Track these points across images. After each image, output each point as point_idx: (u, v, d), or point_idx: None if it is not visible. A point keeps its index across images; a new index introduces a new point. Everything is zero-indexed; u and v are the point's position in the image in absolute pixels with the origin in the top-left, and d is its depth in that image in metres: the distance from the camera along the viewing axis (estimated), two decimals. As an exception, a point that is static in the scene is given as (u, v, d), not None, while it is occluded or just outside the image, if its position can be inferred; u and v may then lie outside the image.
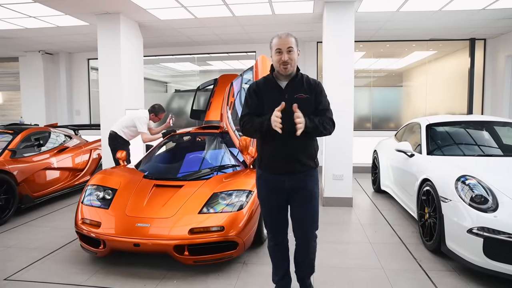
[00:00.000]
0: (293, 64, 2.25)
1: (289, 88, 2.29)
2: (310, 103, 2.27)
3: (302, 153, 2.28)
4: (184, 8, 5.59)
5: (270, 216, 2.44)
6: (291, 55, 2.22)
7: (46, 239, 3.98)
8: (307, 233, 2.40)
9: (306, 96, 2.27)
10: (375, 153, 6.16)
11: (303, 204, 2.34)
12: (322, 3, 5.36)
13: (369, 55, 8.69)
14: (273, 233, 2.47)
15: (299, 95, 2.25)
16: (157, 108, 5.38)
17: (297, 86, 2.29)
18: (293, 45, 2.23)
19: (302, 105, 2.16)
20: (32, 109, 9.27)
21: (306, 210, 2.34)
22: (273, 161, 2.31)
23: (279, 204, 2.38)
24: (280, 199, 2.36)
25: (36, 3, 5.27)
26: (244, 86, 4.59)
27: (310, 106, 2.27)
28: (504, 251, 2.66)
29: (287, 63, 2.22)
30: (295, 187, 2.30)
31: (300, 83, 2.31)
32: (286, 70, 2.24)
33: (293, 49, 2.22)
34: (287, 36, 2.24)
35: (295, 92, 2.26)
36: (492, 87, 7.94)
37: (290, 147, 2.24)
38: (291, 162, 2.27)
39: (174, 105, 9.60)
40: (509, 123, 4.48)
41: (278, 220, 2.44)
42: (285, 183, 2.30)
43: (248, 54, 8.81)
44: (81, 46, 8.51)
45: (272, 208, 2.40)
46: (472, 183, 3.04)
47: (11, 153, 4.92)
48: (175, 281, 2.98)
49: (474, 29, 7.12)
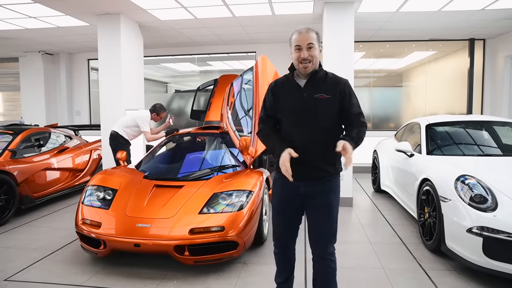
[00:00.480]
0: (314, 62, 2.04)
1: (308, 87, 2.08)
2: (332, 105, 2.05)
3: (320, 159, 2.07)
4: (184, 8, 5.60)
5: (278, 221, 2.24)
6: (312, 51, 2.01)
7: (47, 239, 3.98)
8: (321, 246, 2.16)
9: (328, 97, 2.04)
10: (375, 153, 6.17)
11: (318, 213, 2.13)
12: (322, 4, 5.37)
13: (369, 55, 8.70)
14: (278, 239, 2.29)
15: (319, 95, 2.04)
16: (158, 107, 5.40)
17: (318, 85, 2.07)
18: (313, 41, 2.02)
19: (322, 107, 2.02)
20: (32, 110, 9.27)
21: (320, 220, 2.12)
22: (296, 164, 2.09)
23: (291, 210, 2.18)
24: (294, 204, 2.16)
25: (37, 4, 5.27)
26: (245, 87, 4.60)
27: (332, 108, 2.05)
28: (503, 250, 2.67)
29: (307, 60, 2.01)
30: (311, 193, 2.10)
31: (322, 82, 2.08)
32: (306, 68, 2.04)
33: (313, 45, 2.01)
34: (308, 31, 2.03)
35: (316, 91, 2.06)
36: (492, 87, 7.95)
37: (307, 152, 2.02)
38: (308, 168, 2.06)
39: (174, 106, 9.60)
40: (508, 123, 4.49)
41: (286, 226, 2.23)
42: (300, 188, 2.10)
43: (248, 54, 8.82)
44: (81, 46, 8.52)
45: (283, 212, 2.21)
46: (472, 182, 3.05)
47: (11, 154, 4.93)
48: (176, 281, 2.98)
49: (474, 30, 7.13)
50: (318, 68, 2.09)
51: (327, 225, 2.13)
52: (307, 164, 2.05)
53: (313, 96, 2.05)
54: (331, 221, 2.13)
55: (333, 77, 2.13)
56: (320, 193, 2.09)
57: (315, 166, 2.07)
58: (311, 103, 2.04)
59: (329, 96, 2.05)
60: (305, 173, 2.06)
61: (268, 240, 3.80)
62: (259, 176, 3.73)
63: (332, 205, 2.12)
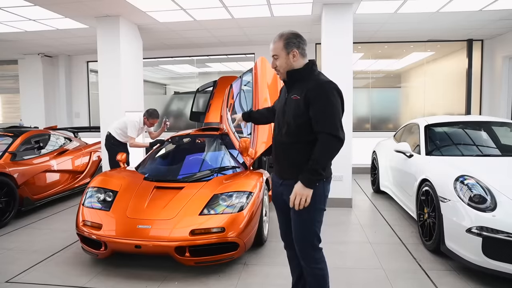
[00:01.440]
0: (282, 70, 2.10)
1: (289, 87, 2.15)
2: (299, 107, 2.00)
3: (286, 161, 2.10)
4: (184, 10, 5.61)
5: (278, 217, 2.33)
6: (277, 61, 2.09)
7: (47, 241, 3.99)
8: (298, 250, 2.12)
9: (297, 98, 2.02)
10: (374, 154, 6.19)
11: (292, 214, 2.09)
12: (320, 5, 5.39)
13: (368, 56, 8.73)
14: (282, 237, 2.34)
15: (293, 95, 2.06)
16: (150, 112, 5.27)
17: (295, 86, 2.10)
18: (279, 51, 2.06)
19: (291, 108, 2.04)
20: (32, 112, 9.27)
21: (294, 222, 2.09)
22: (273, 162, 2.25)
23: (279, 207, 2.24)
24: (280, 201, 2.20)
25: (36, 6, 5.28)
26: (244, 88, 4.61)
27: (299, 110, 2.00)
28: (502, 250, 2.68)
29: (275, 70, 2.14)
30: (284, 193, 2.10)
31: (300, 83, 2.07)
32: (278, 74, 2.17)
33: (278, 56, 2.07)
34: (273, 43, 2.10)
35: (293, 92, 2.08)
36: (490, 88, 7.98)
37: (276, 153, 2.16)
38: (279, 165, 2.17)
39: (173, 107, 9.61)
40: (506, 123, 4.51)
41: (280, 222, 2.31)
42: (279, 187, 2.17)
43: (247, 56, 8.84)
44: (81, 48, 8.53)
45: (276, 209, 2.30)
46: (471, 183, 3.07)
47: (11, 156, 4.93)
48: (176, 282, 2.99)
49: (472, 30, 7.16)
50: (296, 69, 2.08)
51: (297, 228, 2.06)
52: (279, 164, 2.15)
53: (290, 98, 2.08)
54: (300, 225, 2.04)
55: (313, 78, 2.04)
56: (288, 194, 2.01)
57: (283, 167, 2.13)
58: (286, 103, 2.10)
59: (298, 97, 2.01)
60: (278, 172, 2.18)
61: (268, 241, 3.81)
62: (259, 177, 3.74)
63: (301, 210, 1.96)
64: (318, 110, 1.93)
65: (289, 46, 2.06)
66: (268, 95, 4.13)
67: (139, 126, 5.21)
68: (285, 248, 2.35)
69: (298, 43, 2.07)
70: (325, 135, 1.89)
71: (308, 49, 2.16)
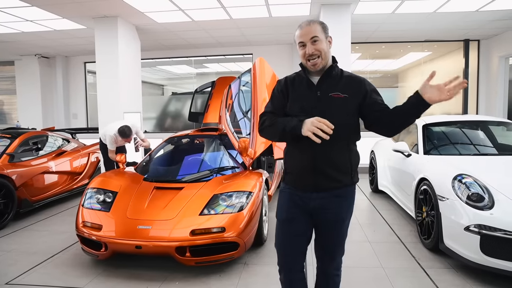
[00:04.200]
0: (323, 56, 1.79)
1: (322, 84, 1.83)
2: (347, 105, 1.79)
3: (333, 167, 1.80)
4: (182, 11, 5.62)
5: (283, 242, 1.93)
6: (317, 45, 1.77)
7: (46, 243, 3.98)
8: (329, 262, 1.95)
9: (344, 96, 1.79)
10: (372, 154, 6.21)
11: (328, 229, 1.89)
12: (318, 6, 5.42)
13: (365, 56, 8.77)
14: (283, 266, 1.96)
15: (334, 93, 1.79)
16: (120, 131, 4.93)
17: (333, 82, 1.83)
18: (318, 33, 1.77)
19: (336, 107, 1.78)
20: (29, 113, 9.25)
21: (331, 236, 1.90)
22: (297, 174, 1.87)
23: (300, 228, 1.89)
24: (302, 221, 1.88)
25: (34, 7, 5.28)
26: (242, 89, 4.62)
27: (347, 108, 1.79)
28: (500, 248, 2.71)
29: (314, 55, 1.78)
30: (322, 206, 1.83)
31: (338, 79, 1.84)
32: (316, 65, 1.80)
33: (319, 38, 1.77)
34: (310, 24, 1.79)
35: (330, 89, 1.81)
36: (486, 87, 8.04)
37: (318, 159, 1.79)
38: (318, 176, 1.81)
39: (171, 108, 9.61)
40: (503, 122, 4.55)
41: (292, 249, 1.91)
42: (310, 201, 1.84)
43: (244, 56, 8.86)
44: (78, 49, 8.52)
45: (289, 233, 1.90)
46: (469, 181, 3.09)
47: (9, 158, 4.91)
48: (177, 282, 3.00)
49: (468, 31, 7.22)
50: (333, 63, 1.86)
51: (337, 242, 1.92)
52: (318, 172, 1.80)
53: (327, 95, 1.80)
54: (341, 238, 1.92)
55: (349, 75, 1.89)
56: (332, 206, 1.83)
57: (327, 175, 1.80)
58: (325, 102, 1.79)
59: (346, 96, 1.79)
60: (315, 183, 1.81)
61: (268, 241, 3.82)
62: (258, 177, 3.76)
63: (344, 221, 1.89)
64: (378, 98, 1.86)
65: (326, 30, 1.83)
66: (267, 96, 4.14)
67: (116, 139, 5.07)
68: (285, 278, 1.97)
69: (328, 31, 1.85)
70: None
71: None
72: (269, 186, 4.30)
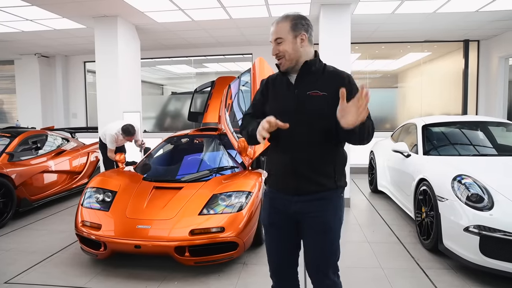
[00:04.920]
0: (287, 57, 1.72)
1: (300, 83, 1.75)
2: (326, 104, 1.67)
3: (312, 168, 1.70)
4: (182, 11, 5.62)
5: (270, 248, 1.86)
6: (281, 46, 1.72)
7: (46, 242, 3.97)
8: (318, 278, 1.78)
9: (323, 94, 1.69)
10: (372, 154, 6.22)
11: (313, 237, 1.75)
12: (318, 6, 5.42)
13: (365, 56, 8.76)
14: (273, 273, 1.88)
15: (312, 92, 1.70)
16: (124, 129, 4.99)
17: (313, 80, 1.74)
18: (283, 34, 1.71)
19: (313, 106, 1.68)
20: (28, 112, 9.23)
21: (316, 246, 1.74)
22: (278, 176, 1.80)
23: (284, 233, 1.81)
24: (286, 227, 1.79)
25: (33, 6, 5.27)
26: (242, 88, 4.62)
27: (325, 107, 1.67)
28: (500, 249, 2.71)
29: (278, 56, 1.74)
30: (304, 211, 1.72)
31: (318, 76, 1.75)
32: (281, 65, 1.76)
33: (283, 39, 1.71)
34: (277, 23, 1.75)
35: (309, 87, 1.72)
36: (486, 88, 8.04)
37: (296, 160, 1.71)
38: (298, 178, 1.71)
39: (170, 108, 9.61)
40: (503, 123, 4.55)
41: (282, 257, 1.85)
42: (291, 204, 1.74)
43: (244, 56, 8.85)
44: (78, 49, 8.51)
45: (275, 238, 1.84)
46: (468, 182, 3.09)
47: (8, 157, 4.91)
48: (176, 282, 3.00)
49: (468, 31, 7.22)
50: (312, 60, 1.77)
51: (323, 253, 1.74)
52: (299, 174, 1.71)
53: (305, 93, 1.71)
54: (329, 248, 1.74)
55: (332, 71, 1.78)
56: (313, 210, 1.71)
57: (308, 177, 1.70)
58: (302, 101, 1.71)
59: (324, 94, 1.69)
60: (295, 185, 1.72)
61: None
62: (257, 177, 3.75)
63: (330, 228, 1.73)
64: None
65: (297, 28, 1.73)
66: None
67: (117, 138, 5.07)
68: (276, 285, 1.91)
69: (307, 26, 1.76)
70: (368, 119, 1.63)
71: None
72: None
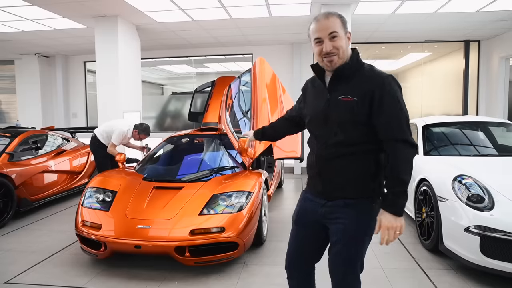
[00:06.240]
0: (341, 54, 1.58)
1: (333, 86, 1.63)
2: (353, 110, 1.56)
3: (340, 176, 1.63)
4: (182, 10, 5.62)
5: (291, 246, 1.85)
6: (336, 42, 1.57)
7: (46, 242, 3.97)
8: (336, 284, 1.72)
9: (353, 99, 1.56)
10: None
11: (335, 242, 1.67)
12: (319, 6, 5.42)
13: (365, 56, 8.76)
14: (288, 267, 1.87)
15: (344, 96, 1.57)
16: (143, 128, 5.15)
17: (345, 84, 1.60)
18: (337, 28, 1.57)
19: (341, 113, 1.57)
20: (28, 112, 9.24)
21: (337, 252, 1.67)
22: (310, 178, 1.79)
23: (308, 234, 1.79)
24: (312, 227, 1.76)
25: (34, 6, 5.27)
26: (242, 88, 4.62)
27: (355, 114, 1.56)
28: (500, 249, 2.70)
29: (331, 54, 1.57)
30: (330, 215, 1.67)
31: (350, 79, 1.60)
32: (332, 62, 1.59)
33: (338, 34, 1.56)
34: (328, 17, 1.58)
35: (342, 91, 1.59)
36: (487, 88, 8.04)
37: (324, 167, 1.66)
38: (324, 182, 1.68)
39: (170, 108, 9.61)
40: (503, 123, 4.55)
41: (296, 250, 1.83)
42: (319, 207, 1.70)
43: (244, 56, 8.85)
44: (78, 48, 8.51)
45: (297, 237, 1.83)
46: (469, 182, 3.09)
47: (8, 156, 4.91)
48: (176, 282, 2.99)
49: (469, 31, 7.21)
50: (350, 60, 1.62)
51: (344, 260, 1.65)
52: (324, 178, 1.68)
53: (337, 98, 1.60)
54: (350, 256, 1.64)
55: (368, 72, 1.61)
56: (340, 217, 1.63)
57: (332, 182, 1.65)
58: (332, 107, 1.60)
59: (354, 98, 1.56)
60: (321, 189, 1.70)
61: (268, 241, 3.82)
62: (258, 177, 3.75)
63: (354, 236, 1.63)
64: (391, 113, 1.53)
65: (346, 25, 1.61)
66: (267, 96, 4.14)
67: (126, 136, 5.07)
68: (290, 277, 1.88)
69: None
70: (401, 144, 1.51)
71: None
72: (269, 186, 4.30)
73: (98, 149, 5.19)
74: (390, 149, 1.54)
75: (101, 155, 5.19)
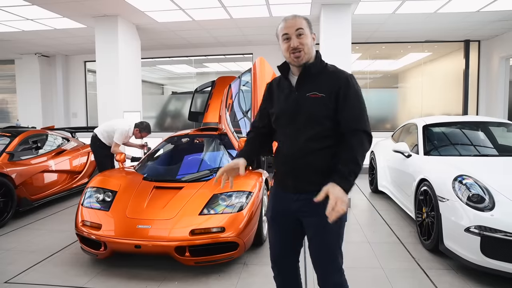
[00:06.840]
0: (306, 50, 1.69)
1: (300, 84, 1.73)
2: (326, 106, 1.67)
3: (311, 170, 1.70)
4: (182, 10, 5.62)
5: (272, 242, 1.92)
6: (302, 39, 1.68)
7: (46, 241, 3.97)
8: (321, 275, 1.77)
9: (321, 96, 1.67)
10: (372, 154, 6.21)
11: (312, 236, 1.75)
12: (319, 6, 5.42)
13: (365, 56, 8.76)
14: (274, 263, 1.94)
15: (312, 93, 1.68)
16: (144, 126, 5.18)
17: (311, 81, 1.72)
18: (304, 26, 1.69)
19: (311, 109, 1.67)
20: (29, 112, 9.25)
21: (316, 246, 1.75)
22: (280, 174, 1.84)
23: (285, 230, 1.84)
24: (288, 223, 1.82)
25: (34, 6, 5.27)
26: (243, 88, 4.62)
27: (326, 109, 1.67)
28: (501, 249, 2.70)
29: (297, 49, 1.69)
30: (303, 210, 1.73)
31: (317, 77, 1.73)
32: (299, 58, 1.70)
33: (304, 31, 1.69)
34: (295, 17, 1.71)
35: (309, 88, 1.70)
36: (487, 88, 8.04)
37: (295, 162, 1.72)
38: (295, 177, 1.74)
39: (171, 107, 9.61)
40: (503, 123, 4.54)
41: (281, 249, 1.89)
42: (292, 202, 1.76)
43: (245, 56, 8.86)
44: (78, 48, 8.52)
45: (276, 233, 1.89)
46: (469, 182, 3.09)
47: (9, 156, 4.91)
48: (176, 282, 2.99)
49: (469, 31, 7.21)
50: (314, 60, 1.75)
51: (322, 252, 1.74)
52: (295, 174, 1.73)
53: (304, 95, 1.70)
54: (327, 248, 1.73)
55: (332, 71, 1.76)
56: (311, 210, 1.68)
57: (304, 176, 1.72)
58: (301, 104, 1.70)
59: (323, 95, 1.67)
60: (293, 184, 1.75)
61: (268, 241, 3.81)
62: (258, 177, 3.75)
63: (329, 228, 1.67)
64: (354, 106, 1.68)
65: (310, 27, 1.75)
66: (267, 95, 4.13)
67: (128, 134, 5.08)
68: (277, 276, 1.95)
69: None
70: (361, 133, 1.66)
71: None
72: (269, 186, 4.30)
73: (99, 149, 5.19)
74: (351, 136, 1.66)
75: (101, 154, 5.19)
